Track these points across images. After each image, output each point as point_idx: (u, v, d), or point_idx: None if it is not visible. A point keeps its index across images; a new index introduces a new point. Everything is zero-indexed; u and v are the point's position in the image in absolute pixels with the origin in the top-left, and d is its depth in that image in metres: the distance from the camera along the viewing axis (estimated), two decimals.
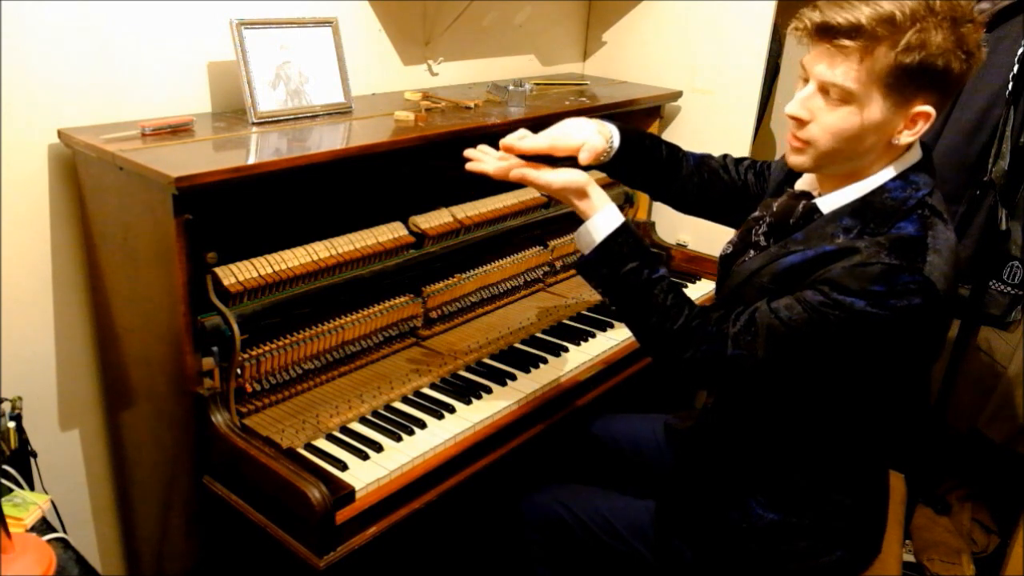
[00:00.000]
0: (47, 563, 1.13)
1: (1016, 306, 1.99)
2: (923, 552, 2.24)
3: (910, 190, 1.16)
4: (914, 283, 1.08)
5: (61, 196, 1.50)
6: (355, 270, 1.59)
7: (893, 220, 1.14)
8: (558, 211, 2.08)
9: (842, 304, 1.09)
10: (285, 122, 1.61)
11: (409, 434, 1.44)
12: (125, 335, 1.51)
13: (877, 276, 1.08)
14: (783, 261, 1.20)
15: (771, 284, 1.20)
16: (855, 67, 1.08)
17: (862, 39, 1.06)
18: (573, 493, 1.53)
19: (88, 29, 1.46)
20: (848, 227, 1.16)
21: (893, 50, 1.05)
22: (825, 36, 1.09)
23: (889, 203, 1.16)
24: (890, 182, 1.17)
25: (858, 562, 1.40)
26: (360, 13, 1.90)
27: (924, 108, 1.11)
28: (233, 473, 1.34)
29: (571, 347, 1.80)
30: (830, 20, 1.07)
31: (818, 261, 1.15)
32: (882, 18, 1.05)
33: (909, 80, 1.08)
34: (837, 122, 1.12)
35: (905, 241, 1.11)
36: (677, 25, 2.32)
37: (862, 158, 1.17)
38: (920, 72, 1.06)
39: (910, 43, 1.04)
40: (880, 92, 1.09)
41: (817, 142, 1.15)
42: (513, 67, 2.37)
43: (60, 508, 1.32)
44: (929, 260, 1.10)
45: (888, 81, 1.08)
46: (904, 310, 1.08)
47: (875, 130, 1.12)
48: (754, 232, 1.34)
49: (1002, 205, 1.90)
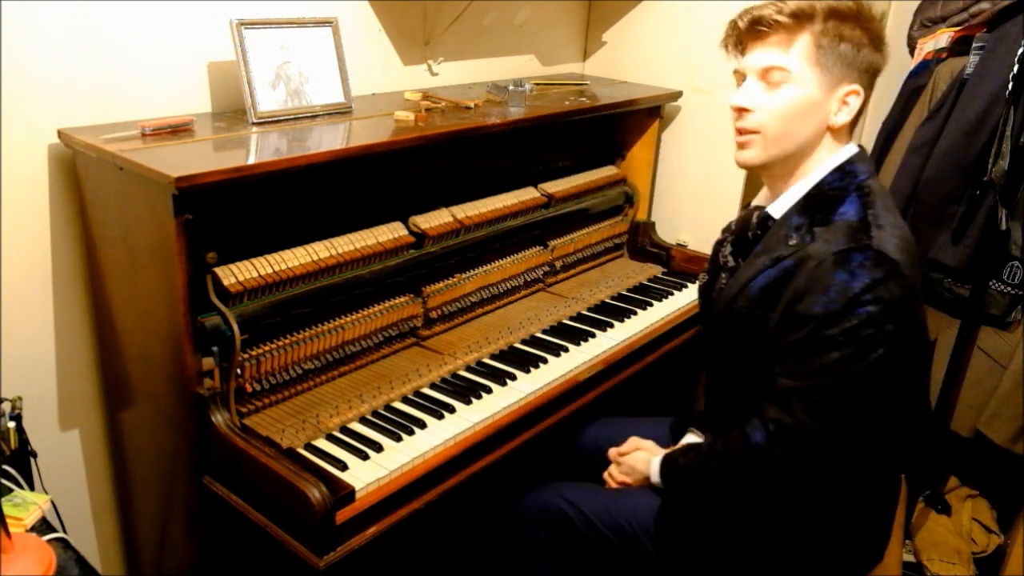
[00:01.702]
0: (47, 563, 1.13)
1: (1016, 306, 1.99)
2: (923, 552, 2.24)
3: (848, 179, 1.27)
4: (867, 259, 1.15)
5: (61, 196, 1.50)
6: (355, 270, 1.59)
7: (835, 206, 1.24)
8: (558, 211, 2.08)
9: (824, 316, 1.15)
10: (285, 122, 1.61)
11: (409, 434, 1.44)
12: (125, 335, 1.51)
13: (832, 267, 1.16)
14: (753, 284, 1.28)
15: (747, 308, 1.29)
16: (788, 48, 1.23)
17: (792, 21, 1.22)
18: (577, 489, 1.54)
19: (88, 29, 1.46)
20: (798, 225, 1.26)
21: (816, 33, 1.22)
22: (757, 29, 1.25)
23: (829, 193, 1.26)
24: (828, 175, 1.28)
25: (862, 565, 1.40)
26: (360, 13, 1.90)
27: (852, 87, 1.25)
28: (233, 473, 1.34)
29: (571, 347, 1.80)
30: (758, 14, 1.24)
31: (782, 279, 1.23)
32: (810, 5, 1.22)
33: (835, 60, 1.23)
34: (780, 103, 1.24)
35: (849, 226, 1.20)
36: (677, 25, 2.32)
37: (804, 148, 1.27)
38: (841, 54, 1.22)
39: (827, 28, 1.22)
40: (813, 70, 1.23)
41: (765, 127, 1.26)
42: (513, 67, 2.37)
43: (60, 508, 1.32)
44: (874, 235, 1.18)
45: (819, 57, 1.22)
46: (870, 287, 1.14)
47: (814, 109, 1.25)
48: (721, 255, 1.43)
49: (1002, 205, 1.90)
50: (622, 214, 2.34)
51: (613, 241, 2.33)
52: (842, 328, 1.15)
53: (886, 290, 1.14)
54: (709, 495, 1.37)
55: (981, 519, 2.33)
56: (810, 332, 1.18)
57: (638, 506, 1.45)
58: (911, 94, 2.15)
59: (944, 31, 2.07)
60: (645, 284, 2.19)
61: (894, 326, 1.15)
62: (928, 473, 2.38)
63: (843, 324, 1.15)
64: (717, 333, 1.39)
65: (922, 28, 2.15)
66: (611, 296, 2.09)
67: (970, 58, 1.98)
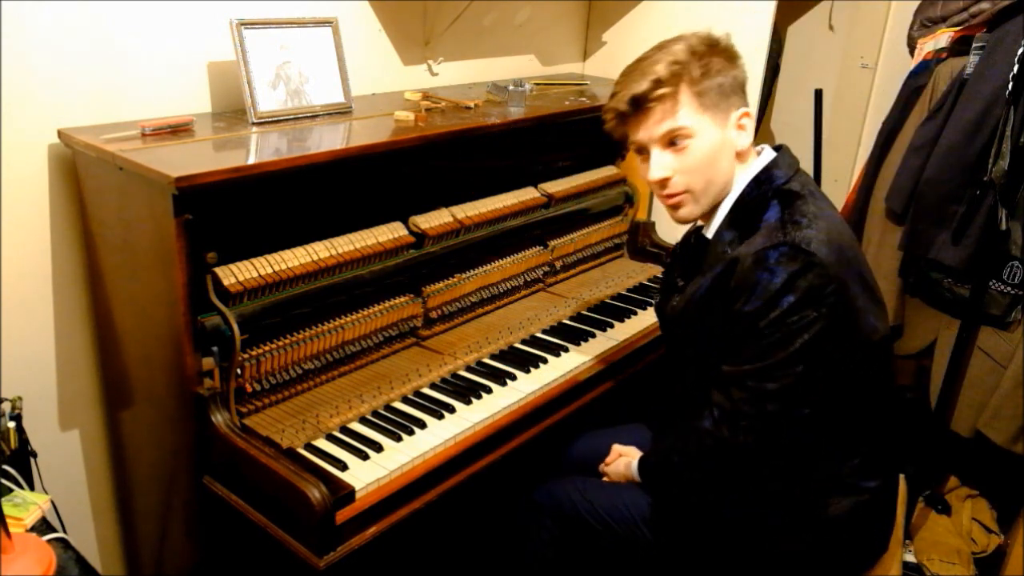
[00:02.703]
0: (47, 563, 1.13)
1: (1016, 306, 1.99)
2: (923, 552, 2.24)
3: (764, 186, 1.33)
4: (782, 255, 1.21)
5: (61, 196, 1.50)
6: (355, 270, 1.59)
7: (758, 214, 1.30)
8: (558, 211, 2.08)
9: (753, 313, 1.22)
10: (285, 122, 1.61)
11: (409, 434, 1.44)
12: (125, 335, 1.51)
13: (753, 266, 1.22)
14: (696, 294, 1.35)
15: (695, 313, 1.36)
16: (676, 110, 1.29)
17: (668, 87, 1.28)
18: (587, 482, 1.56)
19: (88, 29, 1.46)
20: (731, 240, 1.32)
21: (694, 82, 1.29)
22: (639, 104, 1.30)
23: (750, 204, 1.33)
24: (746, 188, 1.34)
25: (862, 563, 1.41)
26: (360, 13, 1.90)
27: (740, 111, 1.33)
28: (233, 473, 1.34)
29: (571, 347, 1.80)
30: (636, 91, 1.29)
31: (716, 282, 1.29)
32: (672, 62, 1.29)
33: (717, 98, 1.30)
34: (693, 160, 1.31)
35: (768, 227, 1.27)
36: (677, 25, 2.29)
37: (725, 179, 1.34)
38: (718, 88, 1.30)
39: (699, 72, 1.29)
40: (704, 116, 1.30)
41: (691, 185, 1.32)
42: (513, 67, 2.37)
43: (60, 508, 1.32)
44: (788, 231, 1.23)
45: (705, 104, 1.29)
46: (790, 281, 1.19)
47: (721, 147, 1.32)
48: (673, 277, 1.51)
49: (1002, 205, 1.90)
50: (622, 214, 2.34)
51: (613, 241, 2.33)
52: (769, 319, 1.21)
53: (804, 280, 1.19)
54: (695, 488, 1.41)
55: (981, 519, 2.33)
56: (744, 327, 1.24)
57: (637, 496, 1.48)
58: (911, 94, 2.15)
59: (944, 31, 2.07)
60: (645, 284, 2.19)
61: (817, 313, 1.20)
62: (928, 473, 2.38)
63: (770, 316, 1.21)
64: (672, 345, 1.51)
65: (922, 28, 2.15)
66: (611, 296, 2.09)
67: (970, 58, 1.98)
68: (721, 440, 1.30)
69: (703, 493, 1.39)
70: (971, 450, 2.23)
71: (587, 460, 1.66)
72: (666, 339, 1.53)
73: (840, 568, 1.39)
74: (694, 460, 1.37)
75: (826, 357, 1.23)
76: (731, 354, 1.28)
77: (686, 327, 1.39)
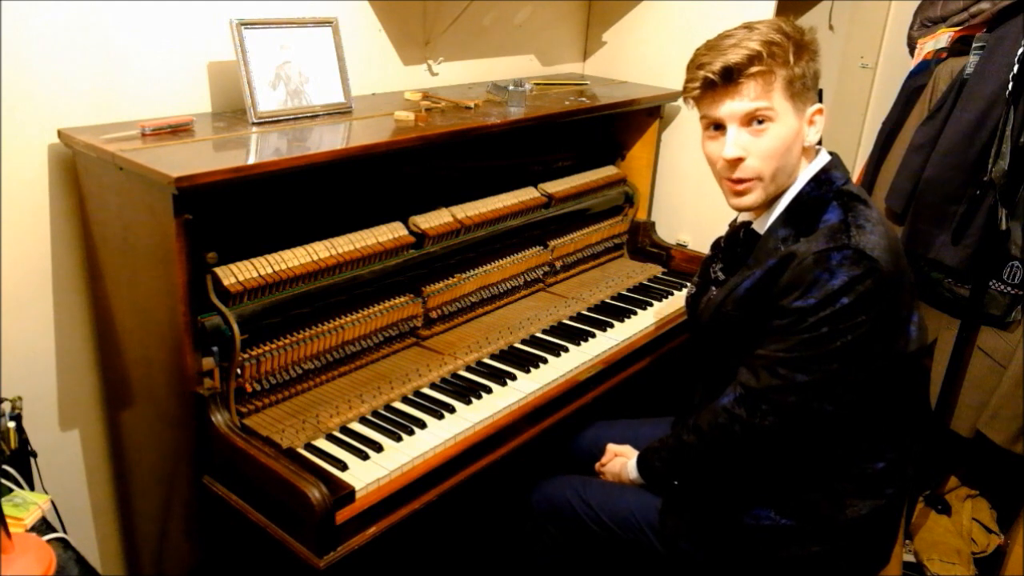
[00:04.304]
0: (47, 563, 1.13)
1: (1016, 306, 1.99)
2: (923, 552, 2.24)
3: (825, 187, 1.31)
4: (845, 258, 1.19)
5: (61, 196, 1.50)
6: (355, 270, 1.59)
7: (818, 214, 1.28)
8: (558, 211, 2.08)
9: (804, 309, 1.21)
10: (285, 122, 1.61)
11: (409, 434, 1.44)
12: (125, 335, 1.51)
13: (812, 265, 1.21)
14: (740, 287, 1.32)
15: (735, 311, 1.33)
16: (767, 89, 1.25)
17: (764, 65, 1.24)
18: (585, 483, 1.55)
19: (88, 29, 1.46)
20: (785, 236, 1.30)
21: (787, 66, 1.25)
22: (731, 76, 1.25)
23: (810, 203, 1.30)
24: (805, 186, 1.32)
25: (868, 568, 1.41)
26: (360, 13, 1.90)
27: (816, 107, 1.31)
28: (233, 473, 1.34)
29: (571, 347, 1.80)
30: (729, 61, 1.24)
31: (767, 276, 1.27)
32: (769, 42, 1.24)
33: (803, 86, 1.27)
34: (770, 144, 1.27)
35: (831, 228, 1.24)
36: (677, 25, 2.32)
37: (792, 171, 1.31)
38: (809, 77, 1.28)
39: (793, 58, 1.25)
40: (789, 103, 1.27)
41: (762, 170, 1.29)
42: (513, 67, 2.37)
43: (60, 508, 1.32)
44: (853, 235, 1.22)
45: (792, 91, 1.26)
46: (849, 285, 1.18)
47: (796, 139, 1.29)
48: (712, 270, 1.48)
49: (1002, 205, 1.90)
50: (622, 214, 2.34)
51: (613, 241, 2.33)
52: (820, 316, 1.21)
53: (863, 285, 1.19)
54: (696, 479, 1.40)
55: (981, 519, 2.33)
56: (792, 320, 1.23)
57: (642, 500, 1.47)
58: (911, 94, 2.15)
59: (944, 31, 2.07)
60: (645, 284, 2.19)
61: (866, 317, 1.20)
62: (928, 473, 2.38)
63: (821, 313, 1.21)
64: (707, 340, 1.46)
65: (922, 28, 2.15)
66: (611, 296, 2.09)
67: (970, 58, 1.98)
68: (736, 419, 1.30)
69: (703, 486, 1.38)
70: (971, 450, 2.23)
71: (595, 454, 1.64)
72: (695, 335, 1.51)
73: (849, 573, 1.38)
74: (705, 439, 1.35)
75: (862, 360, 1.23)
76: (769, 341, 1.27)
77: (724, 321, 1.37)
